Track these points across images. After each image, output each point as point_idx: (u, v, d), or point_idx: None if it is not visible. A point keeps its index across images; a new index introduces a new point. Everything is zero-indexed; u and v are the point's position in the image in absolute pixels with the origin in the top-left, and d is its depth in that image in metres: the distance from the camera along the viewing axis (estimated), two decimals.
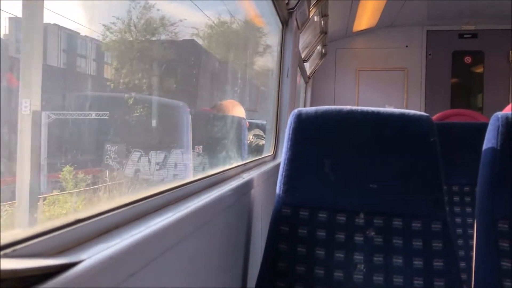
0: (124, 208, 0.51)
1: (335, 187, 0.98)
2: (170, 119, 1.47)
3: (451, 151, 1.61)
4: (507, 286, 0.93)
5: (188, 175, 1.44)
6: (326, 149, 1.00)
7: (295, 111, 1.03)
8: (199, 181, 0.81)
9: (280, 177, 1.01)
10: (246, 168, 1.25)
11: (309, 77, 3.81)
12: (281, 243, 0.95)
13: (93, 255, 0.38)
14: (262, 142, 2.16)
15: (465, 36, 3.77)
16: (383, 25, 3.77)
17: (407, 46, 3.84)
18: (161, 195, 0.62)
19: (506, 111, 1.18)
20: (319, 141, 1.01)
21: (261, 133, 2.25)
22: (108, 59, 1.28)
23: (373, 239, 0.94)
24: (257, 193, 1.18)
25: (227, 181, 0.96)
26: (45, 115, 0.97)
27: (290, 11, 1.80)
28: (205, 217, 0.70)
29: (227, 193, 0.82)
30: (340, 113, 1.01)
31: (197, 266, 0.68)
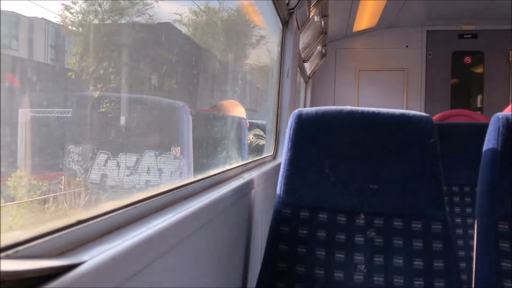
0: (125, 209, 0.51)
1: (335, 188, 0.98)
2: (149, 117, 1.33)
3: (451, 152, 1.61)
4: (507, 286, 0.93)
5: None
6: (326, 149, 1.00)
7: (296, 111, 1.03)
8: (200, 182, 0.81)
9: (280, 178, 1.01)
10: (246, 168, 1.25)
11: (309, 77, 3.81)
12: (281, 243, 0.95)
13: (95, 256, 0.38)
14: (262, 142, 2.16)
15: (465, 36, 3.77)
16: (383, 26, 3.77)
17: (407, 46, 3.84)
18: (162, 196, 0.62)
19: (506, 111, 1.18)
20: (320, 141, 1.01)
21: (261, 133, 2.25)
22: (69, 45, 1.08)
23: (373, 239, 0.94)
24: (257, 193, 1.18)
25: (227, 181, 0.96)
26: None
27: (290, 11, 1.81)
28: (205, 217, 0.70)
29: (227, 194, 0.82)
30: (340, 113, 1.01)
31: (198, 266, 0.68)
